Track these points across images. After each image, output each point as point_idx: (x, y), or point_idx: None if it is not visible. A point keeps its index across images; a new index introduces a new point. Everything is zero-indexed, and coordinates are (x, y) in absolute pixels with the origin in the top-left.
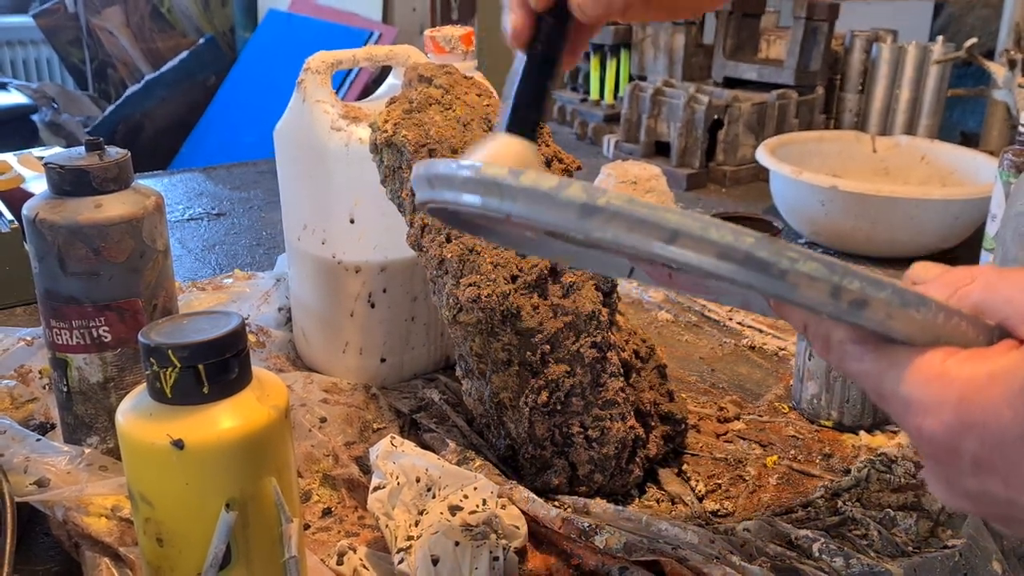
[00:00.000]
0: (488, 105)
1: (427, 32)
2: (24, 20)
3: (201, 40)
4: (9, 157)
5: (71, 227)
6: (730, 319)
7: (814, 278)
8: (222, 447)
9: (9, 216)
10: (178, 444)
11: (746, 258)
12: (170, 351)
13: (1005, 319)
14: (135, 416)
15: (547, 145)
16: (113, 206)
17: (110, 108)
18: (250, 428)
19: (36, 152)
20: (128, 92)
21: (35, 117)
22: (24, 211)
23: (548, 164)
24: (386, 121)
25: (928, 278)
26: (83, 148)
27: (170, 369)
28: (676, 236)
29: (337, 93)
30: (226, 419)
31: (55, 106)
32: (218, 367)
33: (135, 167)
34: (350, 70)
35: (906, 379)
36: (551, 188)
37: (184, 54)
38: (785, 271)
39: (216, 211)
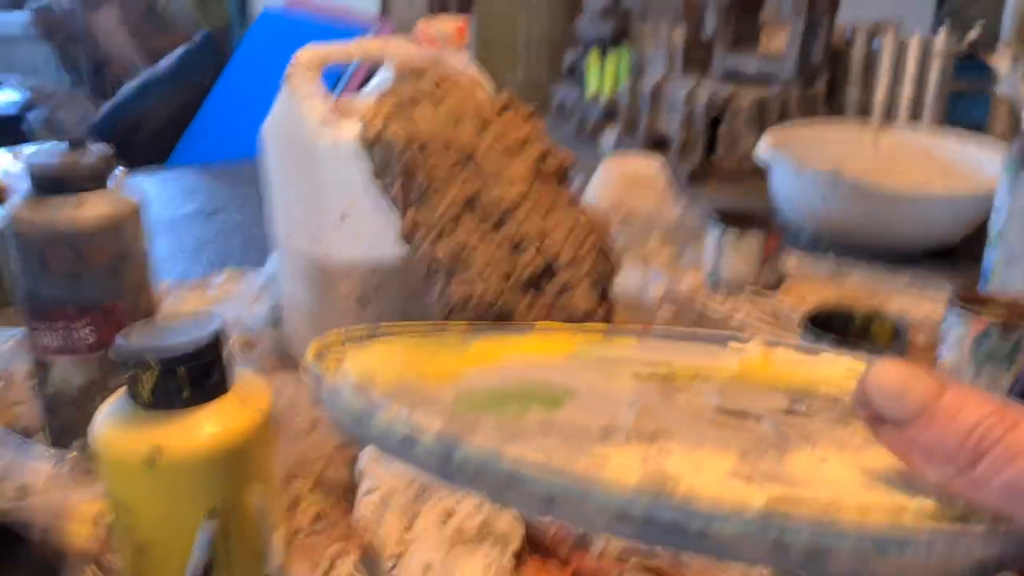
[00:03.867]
0: (480, 99)
1: (419, 25)
2: (20, 18)
3: (197, 37)
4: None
5: (51, 227)
6: (731, 317)
7: (743, 536)
8: (203, 454)
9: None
10: (156, 451)
11: (646, 521)
12: (148, 355)
13: None
14: (113, 422)
15: (541, 139)
16: (94, 206)
17: (106, 106)
18: (232, 434)
19: (26, 150)
20: (124, 90)
21: (31, 115)
22: (3, 211)
23: (542, 159)
24: (375, 116)
25: (907, 413)
26: (64, 145)
27: (148, 374)
28: (552, 502)
29: (334, 89)
30: (207, 425)
31: (51, 104)
32: (198, 371)
33: (133, 164)
34: (347, 66)
35: None
36: (403, 438)
37: (180, 51)
38: (704, 533)
39: (209, 209)
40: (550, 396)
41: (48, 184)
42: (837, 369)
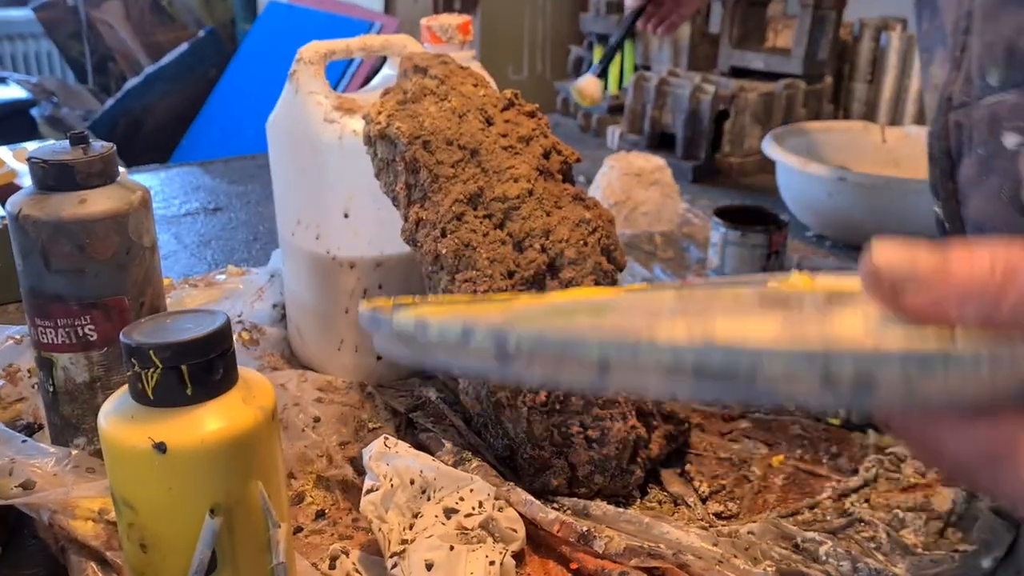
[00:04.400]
0: (484, 95)
1: (423, 21)
2: (24, 14)
3: (201, 32)
4: (3, 151)
5: (55, 223)
6: None
7: (794, 373)
8: (206, 450)
9: (2, 212)
10: (160, 447)
11: (697, 371)
12: (151, 351)
13: None
14: (117, 418)
15: (545, 136)
16: (98, 201)
17: (110, 102)
18: (235, 430)
19: (30, 147)
20: (128, 85)
21: (34, 111)
22: (7, 207)
23: (547, 156)
24: (380, 113)
25: (920, 274)
26: (67, 142)
27: (152, 370)
28: (608, 367)
29: (337, 85)
30: (210, 421)
31: (55, 100)
32: (202, 368)
33: (136, 161)
34: (351, 61)
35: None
36: (457, 338)
37: (184, 47)
38: (752, 376)
39: (213, 206)
40: (593, 308)
41: (51, 180)
42: None
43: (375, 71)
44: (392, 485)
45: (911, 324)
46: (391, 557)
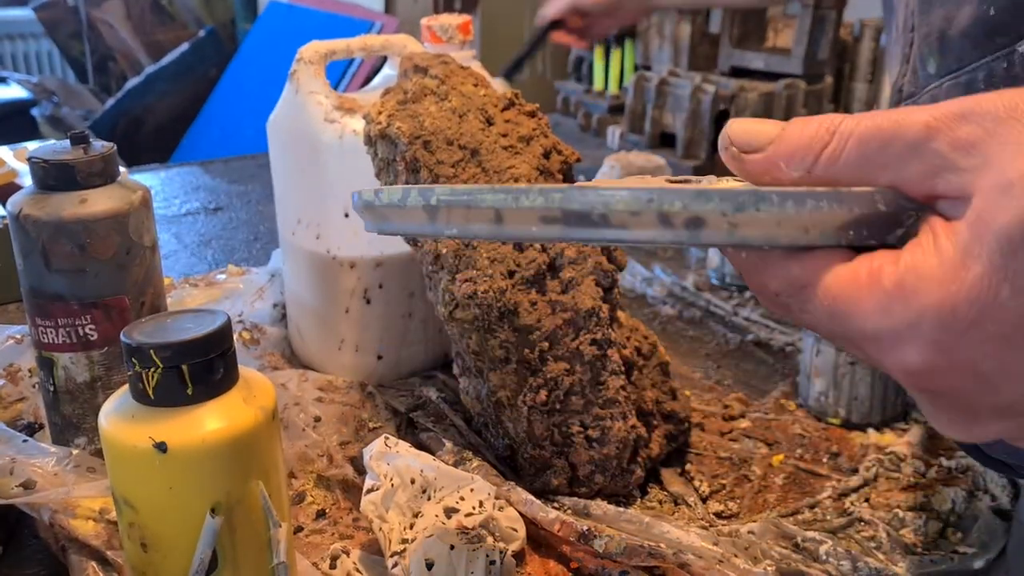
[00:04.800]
0: (485, 95)
1: (424, 21)
2: (24, 13)
3: (202, 32)
4: (4, 151)
5: (55, 223)
6: (735, 314)
7: (635, 212)
8: (207, 450)
9: (2, 212)
10: (161, 447)
11: (564, 215)
12: (152, 351)
13: (899, 181)
14: (117, 418)
15: (546, 136)
16: (98, 201)
17: (111, 101)
18: (236, 430)
19: (31, 146)
20: (128, 85)
21: (35, 111)
22: (8, 207)
23: (547, 156)
24: (380, 112)
25: (760, 143)
26: (68, 141)
27: (152, 370)
28: (500, 216)
29: (338, 85)
30: (211, 421)
31: (55, 100)
32: (202, 367)
33: (137, 161)
34: (351, 61)
35: (852, 313)
36: (398, 200)
37: (185, 46)
38: (605, 215)
39: (213, 205)
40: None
41: (52, 180)
42: None
43: (375, 71)
44: (393, 485)
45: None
46: (392, 556)
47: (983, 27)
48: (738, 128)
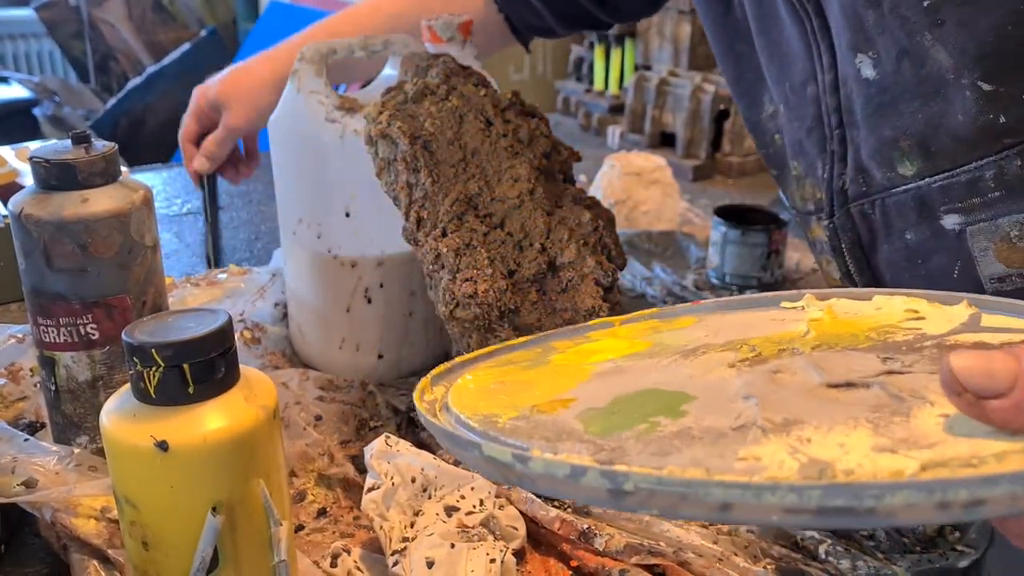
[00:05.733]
0: (485, 95)
1: (424, 21)
2: (26, 13)
3: (203, 32)
4: (5, 151)
5: (57, 222)
6: None
7: (912, 504)
8: (208, 449)
9: (4, 211)
10: (162, 446)
11: (819, 510)
12: (153, 350)
13: None
14: (119, 417)
15: (546, 136)
16: (100, 200)
17: (112, 101)
18: (237, 429)
19: (32, 146)
20: (129, 85)
21: (36, 111)
22: (9, 206)
23: (547, 156)
24: (380, 113)
25: (997, 380)
26: (69, 141)
27: (154, 369)
28: (729, 507)
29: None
30: (212, 420)
31: (56, 100)
32: (203, 366)
33: (137, 160)
34: None
35: None
36: (566, 476)
37: (186, 46)
38: (873, 509)
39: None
40: (667, 405)
41: (53, 179)
42: (895, 310)
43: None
44: (393, 483)
45: (998, 429)
46: (392, 555)
47: (988, 133)
48: (966, 367)
